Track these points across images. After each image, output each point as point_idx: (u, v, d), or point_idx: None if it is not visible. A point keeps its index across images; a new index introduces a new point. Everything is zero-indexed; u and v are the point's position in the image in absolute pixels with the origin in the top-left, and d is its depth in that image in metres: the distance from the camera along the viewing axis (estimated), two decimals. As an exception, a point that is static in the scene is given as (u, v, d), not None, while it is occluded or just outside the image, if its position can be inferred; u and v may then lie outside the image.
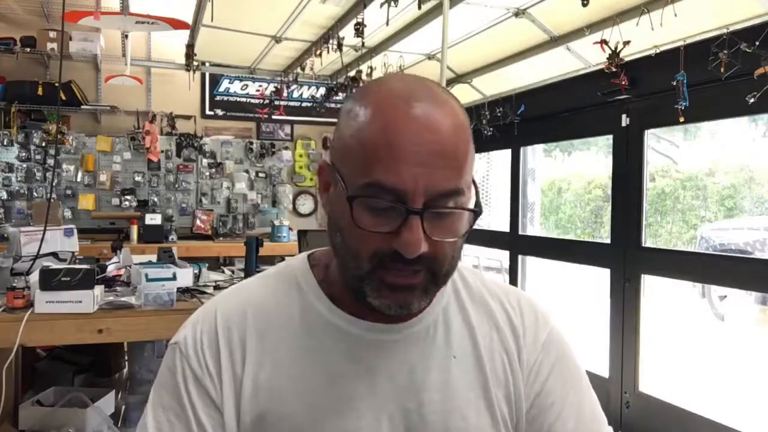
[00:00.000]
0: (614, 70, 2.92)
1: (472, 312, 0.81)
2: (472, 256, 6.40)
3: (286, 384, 0.73)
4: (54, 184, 4.71)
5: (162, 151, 5.28)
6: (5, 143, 4.93)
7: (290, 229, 5.25)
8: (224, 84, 5.57)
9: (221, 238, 5.37)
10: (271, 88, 5.17)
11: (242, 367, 0.73)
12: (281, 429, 0.72)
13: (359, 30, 3.29)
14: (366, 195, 0.65)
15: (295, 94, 5.65)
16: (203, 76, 5.40)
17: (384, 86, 0.70)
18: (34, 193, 5.03)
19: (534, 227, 5.23)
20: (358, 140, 0.67)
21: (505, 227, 4.45)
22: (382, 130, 0.65)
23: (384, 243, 0.66)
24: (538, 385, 0.79)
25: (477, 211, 0.68)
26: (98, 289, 2.34)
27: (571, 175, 7.66)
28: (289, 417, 0.72)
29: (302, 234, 3.16)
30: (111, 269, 2.88)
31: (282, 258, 3.72)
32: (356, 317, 0.75)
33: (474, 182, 0.71)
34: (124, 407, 2.98)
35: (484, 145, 4.60)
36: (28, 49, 4.66)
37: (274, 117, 5.25)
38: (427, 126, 0.65)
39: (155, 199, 5.34)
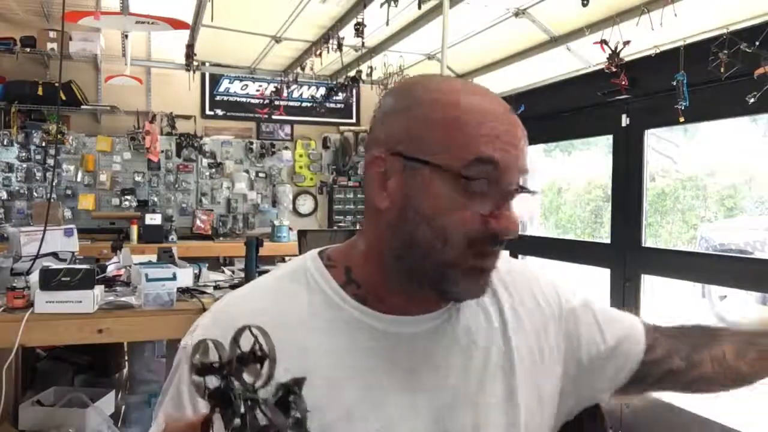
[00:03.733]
0: (614, 70, 2.92)
1: (486, 299, 0.82)
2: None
3: (319, 383, 0.71)
4: (54, 184, 4.70)
5: (162, 151, 5.27)
6: (5, 143, 4.92)
7: (290, 229, 5.25)
8: (224, 84, 5.57)
9: (221, 238, 5.36)
10: (271, 88, 5.17)
11: None
12: (311, 423, 0.72)
13: (359, 30, 3.29)
14: (475, 175, 0.66)
15: (295, 94, 5.64)
16: (203, 76, 5.40)
17: (446, 78, 0.77)
18: (34, 193, 5.03)
19: (534, 227, 5.22)
20: (453, 122, 0.68)
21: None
22: (481, 111, 0.69)
23: (480, 225, 0.67)
24: (579, 337, 0.86)
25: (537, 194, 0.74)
26: (98, 289, 2.34)
27: (571, 175, 7.65)
28: (319, 410, 0.71)
29: (302, 234, 3.16)
30: (111, 269, 2.88)
31: (282, 258, 3.72)
32: (381, 312, 0.76)
33: None
34: (124, 407, 2.97)
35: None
36: (28, 49, 4.65)
37: (274, 117, 5.25)
38: (508, 110, 0.71)
39: (155, 199, 5.34)
